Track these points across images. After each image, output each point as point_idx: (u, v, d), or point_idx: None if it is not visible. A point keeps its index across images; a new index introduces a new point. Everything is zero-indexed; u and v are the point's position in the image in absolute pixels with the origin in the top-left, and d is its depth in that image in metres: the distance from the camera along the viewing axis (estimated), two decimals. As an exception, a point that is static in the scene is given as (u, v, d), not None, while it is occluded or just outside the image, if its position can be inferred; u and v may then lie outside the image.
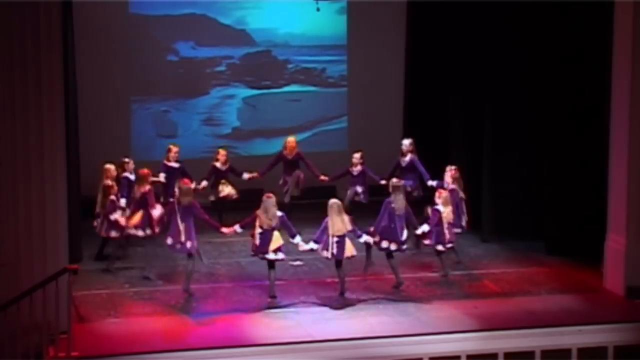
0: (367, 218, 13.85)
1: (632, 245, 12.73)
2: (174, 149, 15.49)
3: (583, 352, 11.65)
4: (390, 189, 13.20)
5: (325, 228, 12.62)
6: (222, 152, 15.94)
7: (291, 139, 16.06)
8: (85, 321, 11.77)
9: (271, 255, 12.58)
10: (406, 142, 15.27)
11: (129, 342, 11.21)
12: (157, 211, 13.73)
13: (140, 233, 13.77)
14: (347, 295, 12.82)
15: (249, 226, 12.89)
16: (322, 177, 15.79)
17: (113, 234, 13.89)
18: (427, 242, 13.57)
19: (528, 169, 15.43)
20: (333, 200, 12.85)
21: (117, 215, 13.84)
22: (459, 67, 16.20)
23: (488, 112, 15.48)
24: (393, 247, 12.98)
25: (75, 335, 10.82)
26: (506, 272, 13.96)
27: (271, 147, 17.52)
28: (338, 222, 12.58)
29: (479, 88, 15.72)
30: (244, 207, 13.71)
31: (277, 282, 12.92)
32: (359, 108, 18.47)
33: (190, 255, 12.83)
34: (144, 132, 17.68)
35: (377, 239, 13.01)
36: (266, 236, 12.57)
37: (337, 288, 12.93)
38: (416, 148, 15.28)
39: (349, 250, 12.72)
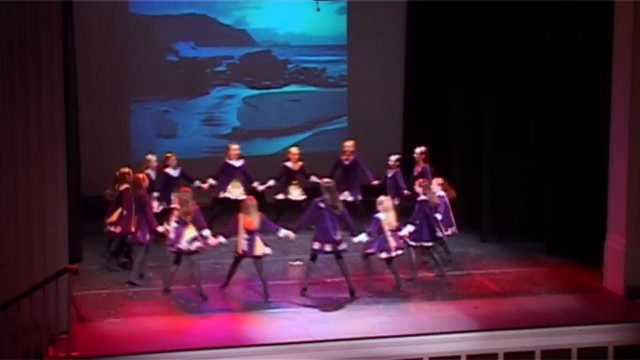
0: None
1: (632, 245, 12.73)
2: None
3: (583, 352, 11.65)
4: (322, 190, 13.03)
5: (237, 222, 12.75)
6: (293, 151, 15.93)
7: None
8: (85, 321, 11.77)
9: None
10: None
11: (129, 342, 11.21)
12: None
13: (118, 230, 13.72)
14: (347, 295, 12.83)
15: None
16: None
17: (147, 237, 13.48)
18: (369, 250, 13.29)
19: (528, 169, 15.43)
20: (246, 199, 13.01)
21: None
22: (459, 67, 16.20)
23: (488, 112, 15.48)
24: (327, 247, 12.78)
25: (75, 335, 10.82)
26: (506, 272, 13.96)
27: (271, 147, 17.54)
28: (249, 219, 12.65)
29: (479, 88, 15.72)
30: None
31: (277, 282, 12.96)
32: (359, 108, 18.48)
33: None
34: (144, 132, 17.69)
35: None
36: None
37: (337, 288, 12.95)
38: (415, 148, 15.33)
39: (259, 248, 12.74)
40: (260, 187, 15.57)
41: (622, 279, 12.77)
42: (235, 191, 15.50)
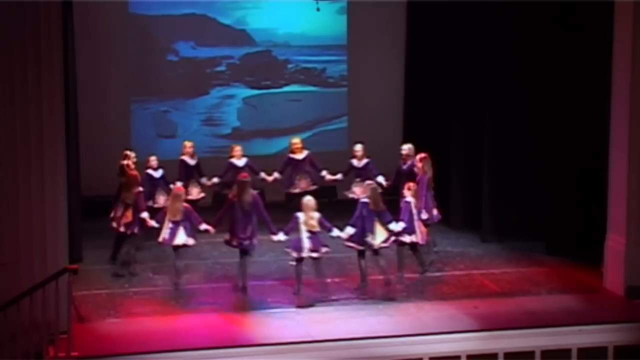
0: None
1: (632, 245, 12.73)
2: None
3: (583, 352, 11.65)
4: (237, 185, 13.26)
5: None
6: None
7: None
8: (85, 321, 11.76)
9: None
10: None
11: (129, 342, 11.21)
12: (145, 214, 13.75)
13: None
14: (347, 295, 12.82)
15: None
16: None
17: (136, 230, 13.70)
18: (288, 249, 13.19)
19: (528, 169, 15.43)
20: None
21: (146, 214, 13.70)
22: (459, 67, 16.20)
23: (488, 112, 15.48)
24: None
25: (75, 335, 10.82)
26: (506, 272, 13.95)
27: (271, 147, 17.54)
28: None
29: (479, 88, 15.72)
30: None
31: (276, 282, 12.99)
32: (359, 108, 18.48)
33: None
34: (144, 132, 17.69)
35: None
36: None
37: (337, 288, 12.95)
38: (415, 148, 15.29)
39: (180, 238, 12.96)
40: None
41: (622, 279, 12.77)
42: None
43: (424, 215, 13.64)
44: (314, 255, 12.77)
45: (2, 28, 10.91)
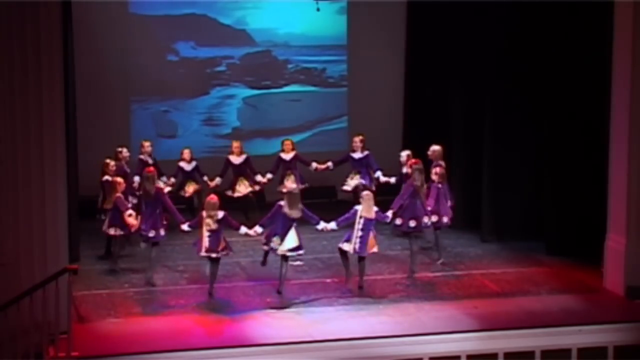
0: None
1: (632, 245, 12.73)
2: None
3: (583, 352, 11.65)
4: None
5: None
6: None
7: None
8: (85, 321, 11.76)
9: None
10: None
11: (129, 342, 11.21)
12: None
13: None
14: (347, 295, 12.82)
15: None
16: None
17: (119, 231, 13.74)
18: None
19: (528, 169, 15.43)
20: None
21: (130, 213, 13.65)
22: (458, 67, 16.20)
23: (488, 112, 15.48)
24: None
25: (75, 335, 10.81)
26: (506, 272, 13.95)
27: (271, 147, 17.52)
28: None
29: (479, 88, 15.72)
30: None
31: (276, 282, 12.96)
32: (359, 108, 18.48)
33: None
34: (144, 132, 17.66)
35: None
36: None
37: (337, 288, 12.95)
38: (416, 148, 15.30)
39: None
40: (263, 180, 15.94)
41: (622, 279, 12.77)
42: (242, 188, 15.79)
43: (398, 221, 13.67)
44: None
45: (2, 28, 10.91)
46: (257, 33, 18.13)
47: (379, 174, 15.49)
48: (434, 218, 13.96)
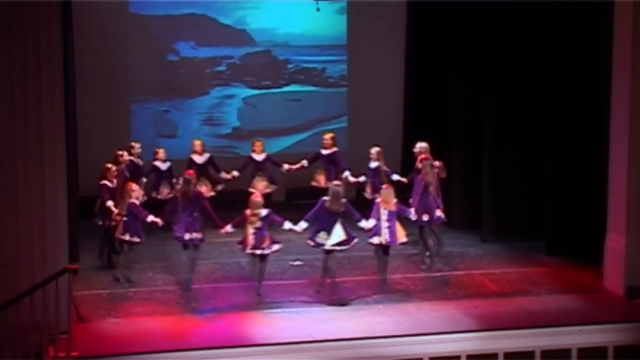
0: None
1: (632, 245, 12.72)
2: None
3: (583, 352, 11.64)
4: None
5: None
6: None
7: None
8: (85, 321, 11.76)
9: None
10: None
11: (129, 342, 11.21)
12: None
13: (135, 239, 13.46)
14: (347, 295, 12.83)
15: (240, 226, 12.92)
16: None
17: (135, 238, 13.28)
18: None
19: (528, 169, 15.43)
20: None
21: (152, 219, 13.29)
22: (458, 66, 16.20)
23: (488, 112, 15.48)
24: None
25: (75, 335, 10.81)
26: (506, 272, 13.95)
27: (271, 147, 17.52)
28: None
29: (479, 88, 15.72)
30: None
31: (276, 282, 12.99)
32: (359, 108, 18.49)
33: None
34: (144, 132, 17.69)
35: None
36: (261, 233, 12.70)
37: (337, 288, 12.96)
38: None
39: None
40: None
41: (622, 279, 12.77)
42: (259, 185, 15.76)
43: (413, 217, 13.68)
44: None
45: (2, 28, 10.91)
46: (257, 33, 18.13)
47: (347, 174, 15.48)
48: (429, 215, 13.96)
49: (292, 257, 14.14)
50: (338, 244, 12.72)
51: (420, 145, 14.81)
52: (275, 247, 12.88)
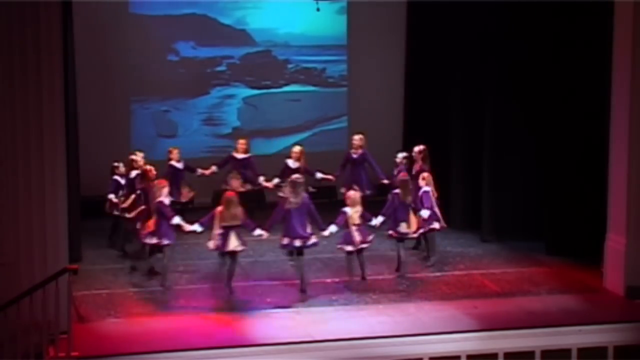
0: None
1: (632, 245, 12.73)
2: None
3: (583, 352, 11.64)
4: (289, 185, 13.02)
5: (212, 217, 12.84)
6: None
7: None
8: (85, 321, 11.76)
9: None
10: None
11: (129, 342, 11.21)
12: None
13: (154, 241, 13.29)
14: (347, 295, 12.83)
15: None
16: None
17: (165, 241, 13.08)
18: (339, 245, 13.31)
19: (528, 169, 15.43)
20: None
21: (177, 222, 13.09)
22: (459, 67, 16.20)
23: (488, 112, 15.49)
24: (297, 243, 12.79)
25: (75, 335, 10.81)
26: (506, 272, 13.95)
27: (271, 147, 17.54)
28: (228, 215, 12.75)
29: (479, 88, 15.73)
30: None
31: (277, 282, 12.99)
32: (359, 108, 18.49)
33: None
34: (144, 132, 17.70)
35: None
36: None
37: (337, 288, 12.96)
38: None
39: (233, 244, 12.78)
40: (265, 183, 15.60)
41: (622, 279, 12.77)
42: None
43: (375, 224, 13.53)
44: (364, 246, 13.14)
45: (2, 28, 10.91)
46: (257, 33, 18.14)
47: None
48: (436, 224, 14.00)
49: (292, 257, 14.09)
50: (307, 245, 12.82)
51: (402, 156, 14.88)
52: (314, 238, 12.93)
